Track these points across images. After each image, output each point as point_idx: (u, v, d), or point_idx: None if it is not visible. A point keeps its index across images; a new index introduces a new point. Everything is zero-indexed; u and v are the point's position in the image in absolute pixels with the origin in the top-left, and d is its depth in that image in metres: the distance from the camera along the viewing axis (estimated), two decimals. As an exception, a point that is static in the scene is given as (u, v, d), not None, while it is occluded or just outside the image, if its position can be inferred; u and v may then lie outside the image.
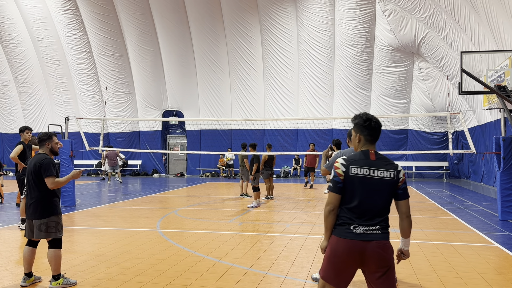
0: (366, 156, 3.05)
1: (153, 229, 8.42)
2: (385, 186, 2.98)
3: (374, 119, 3.14)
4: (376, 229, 2.95)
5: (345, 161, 3.04)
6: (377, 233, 2.94)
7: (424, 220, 9.39)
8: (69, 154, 11.76)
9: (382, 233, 2.96)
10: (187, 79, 24.30)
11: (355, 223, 2.95)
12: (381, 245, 2.93)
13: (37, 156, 5.06)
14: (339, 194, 3.02)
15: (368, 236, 2.93)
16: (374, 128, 3.11)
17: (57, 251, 4.92)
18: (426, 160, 22.23)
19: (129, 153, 25.54)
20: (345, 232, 2.96)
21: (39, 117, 26.53)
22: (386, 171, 2.99)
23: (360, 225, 2.95)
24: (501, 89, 9.25)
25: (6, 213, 10.69)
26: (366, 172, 2.98)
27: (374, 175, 2.97)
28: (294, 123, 23.26)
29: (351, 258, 2.94)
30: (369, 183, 2.96)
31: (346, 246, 2.94)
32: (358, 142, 3.17)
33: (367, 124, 3.12)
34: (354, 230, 2.95)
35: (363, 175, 2.97)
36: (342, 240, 2.96)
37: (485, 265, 5.83)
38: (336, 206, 3.02)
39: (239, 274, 5.42)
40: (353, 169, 2.99)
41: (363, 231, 2.94)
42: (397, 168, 3.03)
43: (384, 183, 2.97)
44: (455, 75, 18.17)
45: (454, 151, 11.95)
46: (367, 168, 2.99)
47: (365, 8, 20.09)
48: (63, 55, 25.09)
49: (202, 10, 22.65)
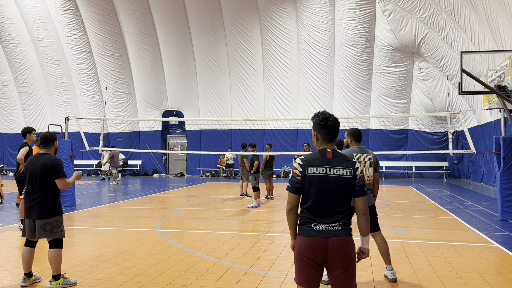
0: (323, 155, 3.06)
1: (153, 229, 8.42)
2: (342, 184, 2.99)
3: (331, 118, 3.14)
4: (337, 225, 2.98)
5: (302, 161, 3.06)
6: (338, 230, 2.97)
7: (424, 220, 9.39)
8: (69, 154, 11.76)
9: (343, 230, 2.99)
10: (187, 79, 24.31)
11: (315, 221, 2.99)
12: (342, 241, 2.96)
13: (45, 157, 5.00)
14: (297, 194, 3.06)
15: (329, 233, 2.96)
16: (330, 127, 3.12)
17: (58, 251, 4.92)
18: (426, 160, 22.23)
19: (129, 153, 25.55)
20: (307, 230, 3.00)
21: (39, 117, 26.53)
22: (343, 169, 3.01)
23: (320, 222, 2.98)
24: (501, 89, 9.25)
25: (6, 213, 10.69)
26: (323, 170, 3.00)
27: (331, 173, 3.00)
28: (294, 123, 23.26)
29: (315, 255, 2.97)
30: (326, 181, 2.98)
31: (308, 243, 2.97)
32: (316, 140, 3.19)
33: (323, 123, 3.13)
34: (315, 228, 2.98)
35: (320, 173, 3.00)
36: (305, 239, 2.99)
37: (485, 265, 5.83)
38: (295, 205, 3.07)
39: (239, 274, 5.42)
40: (309, 168, 3.02)
41: (324, 228, 2.97)
42: (354, 165, 3.05)
43: (341, 180, 2.99)
44: (455, 75, 18.18)
45: (454, 151, 11.95)
46: (323, 166, 3.01)
47: (365, 8, 20.09)
48: (63, 55, 25.10)
49: (202, 10, 22.65)
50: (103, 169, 22.23)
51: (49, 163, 4.91)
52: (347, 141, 5.34)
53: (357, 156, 5.10)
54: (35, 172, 4.94)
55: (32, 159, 5.07)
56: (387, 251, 5.21)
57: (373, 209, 5.30)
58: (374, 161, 5.23)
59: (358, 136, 5.30)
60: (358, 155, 5.12)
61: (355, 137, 5.28)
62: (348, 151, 5.15)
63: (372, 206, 5.25)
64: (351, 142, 5.30)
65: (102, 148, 15.37)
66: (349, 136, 5.31)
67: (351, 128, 5.37)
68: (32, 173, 4.97)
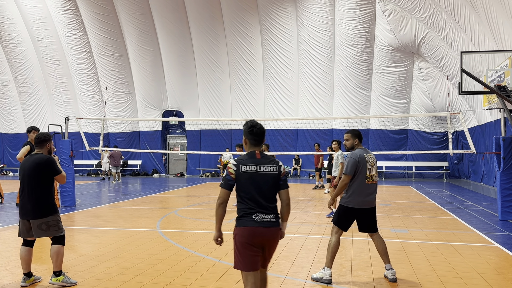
0: (253, 156, 3.62)
1: (153, 229, 8.42)
2: (270, 179, 3.58)
3: (257, 126, 3.70)
4: (271, 218, 3.55)
5: (236, 162, 3.60)
6: (272, 221, 3.55)
7: (424, 220, 9.39)
8: (69, 154, 11.76)
9: (276, 221, 3.58)
10: (187, 79, 24.30)
11: (254, 213, 3.51)
12: (276, 231, 3.58)
13: (38, 156, 5.02)
14: (229, 190, 3.59)
15: (266, 223, 3.52)
16: (256, 133, 3.68)
17: (60, 247, 4.97)
18: (426, 160, 22.23)
19: (129, 153, 25.55)
20: (248, 221, 3.51)
21: (39, 117, 26.53)
22: (270, 166, 3.61)
23: (259, 213, 3.52)
24: (501, 89, 9.25)
25: (6, 213, 10.69)
26: (254, 168, 3.56)
27: (261, 170, 3.57)
28: (294, 123, 23.26)
29: (255, 242, 3.49)
30: (257, 177, 3.54)
31: (250, 232, 3.48)
32: (245, 144, 3.73)
33: (250, 130, 3.68)
34: (255, 218, 3.51)
35: (252, 171, 3.55)
36: (246, 229, 3.50)
37: (485, 265, 5.83)
38: (226, 200, 3.58)
39: (239, 274, 5.41)
40: (243, 167, 3.56)
41: (262, 219, 3.51)
42: (278, 163, 3.67)
43: (269, 176, 3.58)
44: (455, 75, 18.17)
45: (454, 151, 11.96)
46: (254, 165, 3.57)
47: (365, 8, 20.09)
48: (63, 55, 25.09)
49: (202, 10, 22.65)
50: (103, 169, 22.24)
51: (43, 162, 4.96)
52: (353, 142, 5.29)
53: (366, 156, 5.17)
54: (27, 172, 4.96)
55: (25, 160, 5.09)
56: (385, 249, 5.25)
57: (374, 211, 5.33)
58: (375, 161, 5.37)
59: (361, 138, 5.38)
60: (367, 156, 5.19)
61: (360, 138, 5.32)
62: (357, 152, 5.16)
63: (373, 208, 5.30)
64: (357, 144, 5.29)
65: (102, 148, 15.37)
66: (355, 138, 5.29)
67: (354, 130, 5.37)
68: (24, 173, 4.98)
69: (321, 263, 5.91)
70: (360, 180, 5.10)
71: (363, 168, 5.09)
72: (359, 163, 5.08)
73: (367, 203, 5.17)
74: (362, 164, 5.09)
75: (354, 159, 5.09)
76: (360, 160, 5.10)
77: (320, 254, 6.41)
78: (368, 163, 5.14)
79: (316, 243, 7.17)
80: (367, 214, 5.23)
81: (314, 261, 6.06)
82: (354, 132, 5.32)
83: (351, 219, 5.23)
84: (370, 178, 5.14)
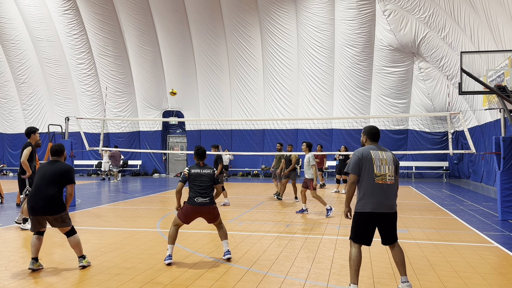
0: (198, 165, 6.20)
1: (153, 229, 8.42)
2: (209, 178, 6.09)
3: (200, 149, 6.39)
4: (207, 200, 6.00)
5: (189, 168, 6.15)
6: (207, 202, 5.99)
7: (424, 220, 9.39)
8: (69, 154, 11.75)
9: (211, 202, 6.02)
10: (187, 79, 24.30)
11: (196, 196, 5.98)
12: (210, 208, 6.04)
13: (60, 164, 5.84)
14: (184, 183, 6.09)
15: (203, 203, 5.98)
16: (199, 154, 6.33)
17: (75, 237, 5.73)
18: (426, 160, 22.23)
19: (129, 153, 25.55)
20: (192, 202, 5.99)
21: (39, 117, 26.52)
22: (208, 169, 6.16)
23: (198, 197, 5.98)
24: (501, 89, 9.26)
25: (6, 213, 10.69)
26: (198, 171, 6.12)
27: (202, 172, 6.12)
28: (294, 123, 23.26)
29: (194, 214, 6.05)
30: (200, 176, 6.08)
31: (192, 209, 6.00)
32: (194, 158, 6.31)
33: (196, 151, 6.36)
34: (196, 200, 5.97)
35: (196, 172, 6.10)
36: (190, 206, 6.00)
37: (485, 265, 5.83)
38: (181, 189, 6.09)
39: (239, 274, 5.42)
40: (192, 170, 6.12)
41: (201, 201, 5.97)
42: (212, 169, 6.20)
43: (208, 175, 6.11)
44: (455, 75, 18.17)
45: (454, 151, 11.95)
46: (198, 169, 6.13)
47: (365, 8, 20.09)
48: (63, 55, 25.09)
49: (202, 10, 22.64)
50: (103, 169, 22.24)
51: (66, 169, 5.82)
52: (362, 139, 4.99)
53: (374, 153, 4.67)
54: (49, 175, 5.69)
55: (45, 166, 5.87)
56: (403, 260, 4.70)
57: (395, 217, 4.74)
58: (394, 161, 4.76)
59: (374, 135, 4.87)
60: (375, 152, 4.68)
61: (369, 135, 4.87)
62: (361, 149, 4.76)
63: (394, 213, 4.73)
64: (366, 141, 4.91)
65: (102, 148, 15.37)
66: (364, 135, 4.94)
67: (366, 126, 4.98)
68: (46, 175, 5.70)
69: (321, 263, 5.91)
70: (367, 179, 4.61)
71: (368, 166, 4.61)
72: (361, 160, 4.64)
73: (385, 206, 4.59)
74: (365, 161, 4.63)
75: (356, 156, 4.72)
76: (364, 157, 4.64)
77: (320, 254, 6.41)
78: (375, 160, 4.63)
79: (316, 243, 7.17)
80: (388, 220, 4.64)
81: (314, 261, 6.06)
82: (365, 129, 4.96)
83: (369, 226, 4.63)
84: (380, 177, 4.60)
